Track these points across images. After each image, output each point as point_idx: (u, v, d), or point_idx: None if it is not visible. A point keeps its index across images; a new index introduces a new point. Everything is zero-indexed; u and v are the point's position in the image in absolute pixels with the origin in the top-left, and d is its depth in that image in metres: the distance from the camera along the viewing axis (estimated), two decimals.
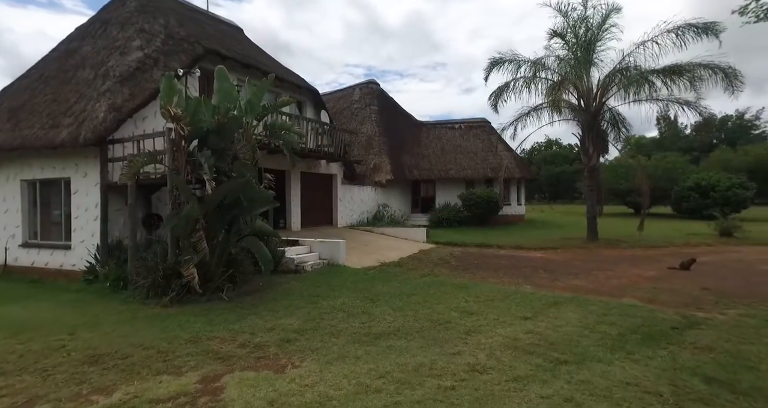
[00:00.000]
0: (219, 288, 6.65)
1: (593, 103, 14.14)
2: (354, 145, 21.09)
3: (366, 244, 12.76)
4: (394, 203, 20.85)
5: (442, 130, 24.45)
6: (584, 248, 13.40)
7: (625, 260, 11.18)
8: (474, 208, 19.86)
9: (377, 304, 6.37)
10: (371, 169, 19.82)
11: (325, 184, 15.86)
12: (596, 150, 14.27)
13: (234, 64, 10.76)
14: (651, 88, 13.04)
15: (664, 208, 29.86)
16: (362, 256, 10.93)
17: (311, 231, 13.74)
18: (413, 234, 15.05)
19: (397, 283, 7.83)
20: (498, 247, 13.85)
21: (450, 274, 9.17)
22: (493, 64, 15.05)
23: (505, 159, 22.20)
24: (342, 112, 23.00)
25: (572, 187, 60.92)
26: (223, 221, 6.80)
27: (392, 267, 9.90)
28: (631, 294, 7.19)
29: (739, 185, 24.80)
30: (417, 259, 11.20)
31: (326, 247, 9.74)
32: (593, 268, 9.90)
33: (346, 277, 8.36)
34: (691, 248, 13.53)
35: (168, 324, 5.28)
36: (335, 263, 9.54)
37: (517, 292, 7.14)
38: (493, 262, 10.77)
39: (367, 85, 23.70)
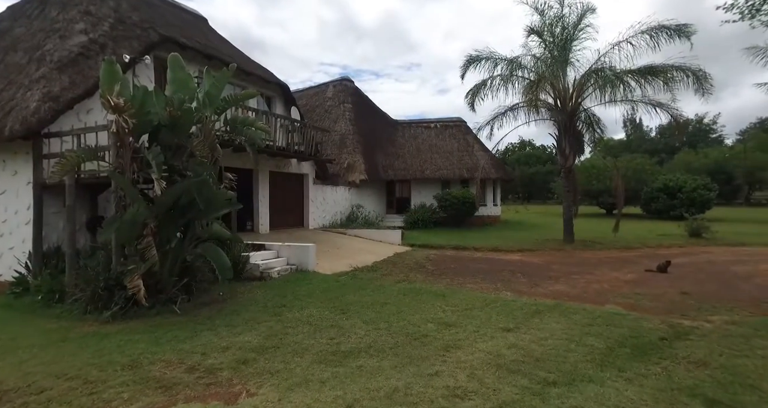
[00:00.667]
0: (171, 300, 6.01)
1: (569, 103, 14.09)
2: (327, 144, 20.52)
3: (338, 248, 12.24)
4: (369, 204, 20.38)
5: (418, 129, 24.15)
6: (561, 250, 13.32)
7: (602, 263, 11.09)
8: (450, 208, 19.63)
9: (348, 316, 5.89)
10: (345, 169, 19.28)
11: (295, 184, 15.22)
12: (573, 150, 14.24)
13: (195, 54, 10.02)
14: (626, 89, 13.09)
15: (634, 209, 30.59)
16: (334, 261, 10.41)
17: (281, 233, 13.10)
18: (388, 236, 14.62)
19: (369, 291, 7.35)
20: (475, 250, 13.60)
21: (426, 279, 8.78)
22: (469, 62, 14.80)
23: (481, 159, 22.09)
24: (315, 110, 22.37)
25: (546, 187, 62.23)
26: (176, 225, 6.15)
27: (365, 272, 9.42)
28: (614, 300, 6.99)
29: (703, 186, 25.64)
30: (392, 263, 10.77)
31: (295, 251, 9.17)
32: (572, 272, 9.73)
33: (316, 285, 7.83)
34: (665, 249, 13.68)
35: (105, 345, 4.61)
36: (304, 269, 8.98)
37: (497, 299, 6.80)
38: (471, 266, 10.46)
39: (341, 82, 23.13)
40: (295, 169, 14.78)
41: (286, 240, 12.00)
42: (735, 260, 11.47)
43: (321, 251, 11.22)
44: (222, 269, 5.88)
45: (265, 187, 13.13)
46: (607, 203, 30.58)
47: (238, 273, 8.08)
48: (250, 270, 8.23)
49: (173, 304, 5.91)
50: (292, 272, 8.83)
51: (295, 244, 9.29)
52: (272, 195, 13.58)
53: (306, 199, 15.61)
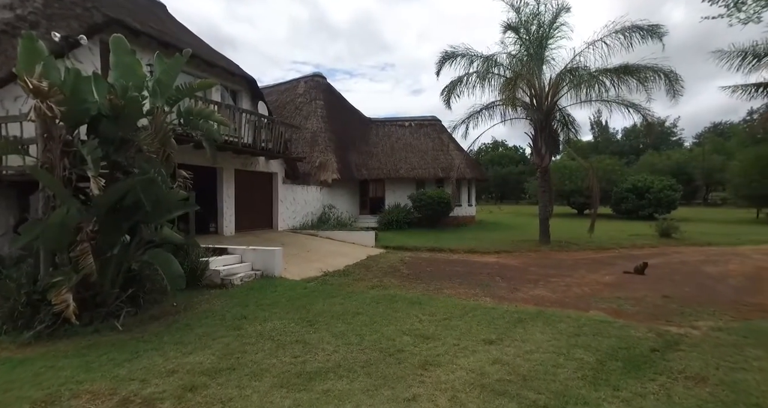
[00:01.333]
0: (114, 314, 5.29)
1: (545, 102, 13.99)
2: (298, 142, 19.83)
3: (308, 251, 11.63)
4: (341, 204, 19.80)
5: (392, 127, 23.74)
6: (538, 251, 13.17)
7: (579, 264, 10.96)
8: (425, 209, 19.31)
9: (315, 328, 5.35)
10: (316, 168, 18.64)
11: (263, 184, 14.47)
12: (549, 150, 14.15)
13: (149, 42, 9.19)
14: (602, 88, 13.08)
15: (604, 209, 31.24)
16: (303, 265, 9.81)
17: (247, 236, 12.36)
18: (361, 238, 14.11)
19: (340, 299, 6.82)
20: (450, 252, 13.27)
21: (401, 284, 8.32)
22: (445, 58, 14.48)
23: (456, 158, 21.92)
24: (285, 106, 21.60)
25: (519, 187, 63.23)
26: (120, 229, 5.44)
27: (337, 277, 8.88)
28: (596, 305, 6.74)
29: (669, 187, 26.41)
30: (365, 266, 10.27)
31: (260, 255, 8.51)
32: (551, 275, 9.50)
33: (282, 293, 7.22)
34: (638, 250, 13.77)
35: (17, 375, 3.88)
36: (270, 274, 8.34)
37: (476, 306, 6.40)
38: (447, 269, 10.09)
39: (312, 78, 22.44)
40: (263, 168, 14.05)
41: (252, 243, 11.30)
42: (706, 260, 11.60)
43: (290, 254, 10.60)
44: (172, 278, 5.21)
45: (230, 186, 12.36)
46: (578, 203, 31.10)
47: (197, 280, 7.40)
48: (209, 277, 7.54)
49: (116, 319, 5.20)
50: (256, 278, 8.18)
51: (260, 248, 8.63)
52: (238, 195, 12.82)
53: (275, 199, 14.90)
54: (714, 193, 60.75)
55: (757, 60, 12.97)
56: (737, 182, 24.81)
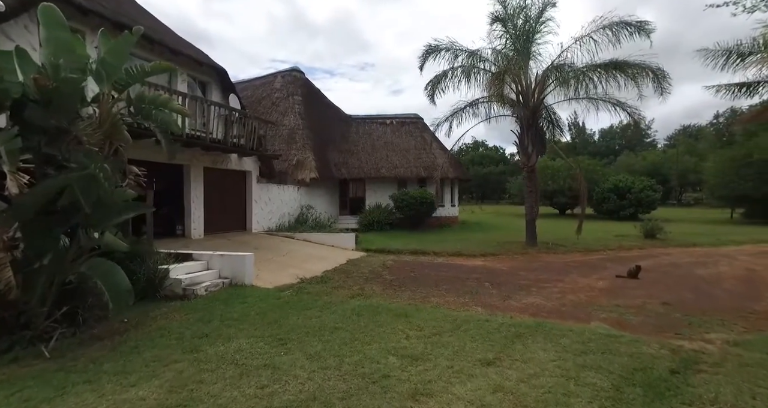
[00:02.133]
0: (42, 337, 4.46)
1: (532, 99, 13.58)
2: (275, 139, 18.96)
3: (284, 254, 10.86)
4: (320, 204, 19.03)
5: (373, 125, 23.09)
6: (525, 254, 12.73)
7: (569, 268, 10.54)
8: (407, 209, 18.72)
9: (288, 348, 4.64)
10: (294, 166, 17.81)
11: (236, 183, 13.60)
12: (535, 149, 13.75)
13: (101, 22, 8.21)
14: (590, 85, 12.75)
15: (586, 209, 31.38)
16: (277, 271, 9.05)
17: (217, 239, 11.50)
18: (341, 240, 13.40)
19: (317, 311, 6.11)
20: (435, 255, 12.69)
21: (384, 292, 7.67)
22: (429, 52, 13.91)
23: (438, 157, 21.41)
24: (261, 102, 20.67)
25: (499, 187, 63.57)
26: (52, 235, 4.59)
27: (314, 285, 8.15)
28: (596, 315, 6.24)
29: (649, 187, 26.64)
30: (345, 272, 9.58)
31: (228, 261, 7.71)
32: (542, 280, 9.02)
33: (252, 304, 6.46)
34: (625, 251, 13.52)
35: None
36: (240, 283, 7.56)
37: (468, 318, 5.80)
38: (433, 274, 9.49)
39: (290, 72, 21.57)
40: (236, 166, 13.18)
41: (221, 247, 10.46)
42: (695, 262, 11.37)
43: (263, 259, 9.82)
44: (116, 292, 4.41)
45: (198, 185, 11.46)
46: (560, 203, 31.14)
47: (155, 291, 6.57)
48: (169, 287, 6.71)
49: (44, 344, 4.37)
50: (224, 288, 7.38)
51: (228, 253, 7.82)
52: (208, 195, 11.93)
53: (248, 199, 14.03)
54: (687, 194, 62.53)
55: (741, 59, 12.90)
56: (714, 183, 25.19)
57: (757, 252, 13.23)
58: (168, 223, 11.50)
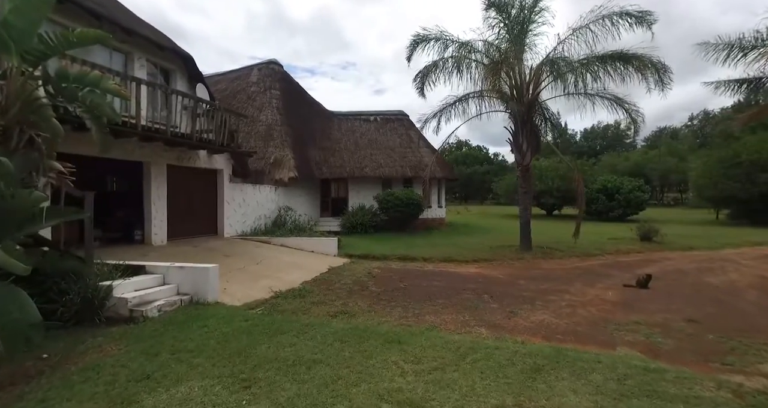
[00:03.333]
0: None
1: (526, 94, 12.84)
2: (250, 136, 17.83)
3: (258, 263, 9.78)
4: (300, 206, 17.93)
5: (356, 122, 22.11)
6: (521, 260, 11.96)
7: (571, 276, 9.79)
8: (392, 211, 17.82)
9: (252, 395, 3.63)
10: (271, 165, 16.67)
11: (205, 183, 12.42)
12: (530, 147, 13.00)
13: None
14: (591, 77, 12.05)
15: (572, 210, 31.02)
16: (249, 283, 7.99)
17: (182, 246, 10.33)
18: (322, 245, 12.37)
19: (292, 337, 5.11)
20: (424, 261, 11.82)
21: (371, 309, 6.71)
22: (417, 42, 13.02)
23: (425, 156, 20.60)
24: (236, 96, 19.46)
25: (483, 187, 63.33)
26: None
27: (290, 300, 7.14)
28: (619, 337, 5.44)
29: (638, 188, 26.41)
30: (326, 282, 8.59)
31: (189, 274, 6.62)
32: (545, 290, 8.22)
33: (213, 328, 5.40)
34: (624, 256, 12.93)
35: None
36: (202, 300, 6.48)
37: (473, 345, 4.88)
38: (424, 285, 8.58)
39: (267, 65, 20.39)
40: (205, 164, 12.01)
41: (187, 254, 9.34)
42: (700, 268, 10.79)
43: (233, 269, 8.75)
44: (11, 331, 3.32)
45: (161, 185, 10.27)
46: (548, 204, 30.74)
47: (93, 314, 5.44)
48: (113, 308, 5.60)
49: None
50: (182, 307, 6.29)
51: (188, 266, 6.72)
52: (172, 195, 10.75)
53: (220, 200, 12.86)
54: (667, 194, 63.49)
55: (743, 54, 12.43)
56: (702, 183, 25.07)
57: (758, 256, 12.79)
58: (126, 228, 10.27)
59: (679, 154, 55.48)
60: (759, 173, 21.58)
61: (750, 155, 22.15)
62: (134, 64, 9.17)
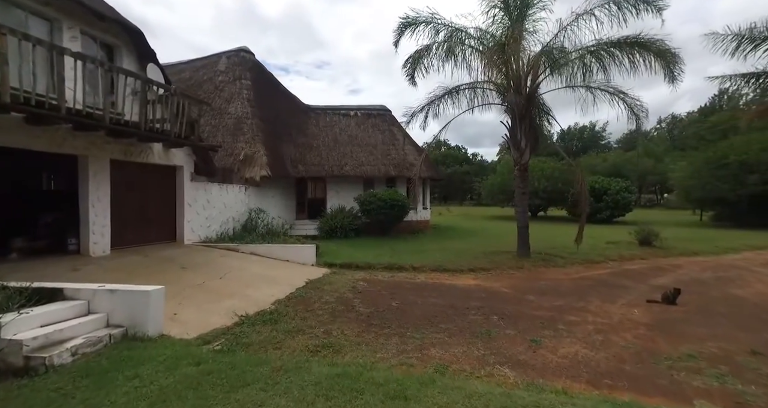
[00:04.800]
0: None
1: (525, 85, 11.76)
2: (218, 129, 16.25)
3: (222, 276, 8.30)
4: (273, 208, 16.40)
5: (335, 116, 20.71)
6: (521, 268, 10.85)
7: (583, 288, 8.74)
8: (375, 213, 16.52)
9: None
10: (241, 162, 15.11)
11: (162, 181, 10.80)
12: (529, 143, 11.94)
13: None
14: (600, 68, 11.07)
15: (558, 211, 30.51)
16: (208, 305, 6.54)
17: (129, 255, 8.73)
18: (298, 253, 10.95)
19: (258, 392, 3.72)
20: (414, 271, 10.56)
21: (361, 339, 5.39)
22: (405, 26, 11.76)
23: (409, 154, 19.42)
24: (202, 86, 17.77)
25: (463, 188, 62.81)
26: None
27: (259, 327, 5.74)
28: (686, 382, 4.29)
29: (625, 189, 25.98)
30: (303, 301, 7.21)
31: (123, 300, 5.11)
32: (562, 308, 7.10)
33: (148, 381, 3.93)
34: (629, 262, 12.03)
35: None
36: (140, 334, 5.00)
37: (505, 403, 3.63)
38: (420, 303, 7.32)
39: (237, 52, 18.75)
40: (161, 159, 10.39)
41: (136, 267, 7.81)
42: (719, 278, 9.95)
43: (190, 286, 7.28)
44: None
45: (102, 183, 8.63)
46: (533, 205, 30.06)
47: None
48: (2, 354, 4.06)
49: None
50: (111, 345, 4.79)
51: (122, 289, 5.20)
52: (118, 196, 9.12)
53: (180, 202, 11.25)
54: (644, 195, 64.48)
55: (754, 45, 11.75)
56: (690, 184, 24.80)
57: (766, 262, 12.13)
58: (57, 235, 8.58)
59: (655, 155, 56.40)
60: (747, 174, 21.37)
61: (738, 156, 21.92)
62: (63, 35, 7.51)
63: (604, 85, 11.94)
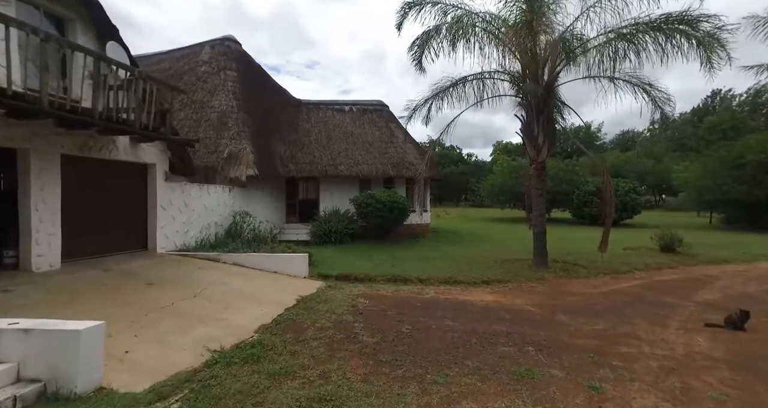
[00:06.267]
0: None
1: (542, 74, 10.58)
2: (199, 124, 14.93)
3: (196, 294, 6.98)
4: (260, 211, 15.07)
5: (328, 112, 19.41)
6: (541, 280, 9.64)
7: (621, 307, 7.54)
8: (373, 216, 15.25)
9: None
10: (224, 160, 13.78)
11: (129, 181, 9.45)
12: (547, 138, 10.77)
13: None
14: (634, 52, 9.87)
15: (562, 213, 29.46)
16: (173, 335, 5.22)
17: (85, 270, 7.38)
18: (288, 263, 9.64)
19: None
20: (421, 283, 9.32)
21: (369, 384, 4.12)
22: (410, 6, 10.51)
23: (409, 152, 18.19)
24: (182, 77, 16.37)
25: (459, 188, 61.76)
26: None
27: (236, 368, 4.45)
28: None
29: (633, 190, 24.98)
30: (294, 327, 5.92)
31: (41, 343, 3.77)
32: (605, 335, 5.90)
33: None
34: (657, 273, 10.90)
35: None
36: (65, 389, 3.67)
37: None
38: (435, 327, 6.07)
39: (222, 41, 17.38)
40: (129, 156, 9.05)
41: (87, 285, 6.47)
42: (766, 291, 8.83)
43: (154, 309, 5.97)
44: None
45: (50, 183, 7.27)
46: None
47: None
48: None
49: None
50: None
51: (40, 328, 3.84)
52: (72, 198, 7.77)
53: (151, 205, 9.91)
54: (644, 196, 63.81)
55: None
56: (704, 185, 23.80)
57: None
58: None
59: (654, 155, 55.74)
60: (765, 174, 20.42)
61: (755, 155, 20.99)
62: None
63: (629, 76, 10.82)
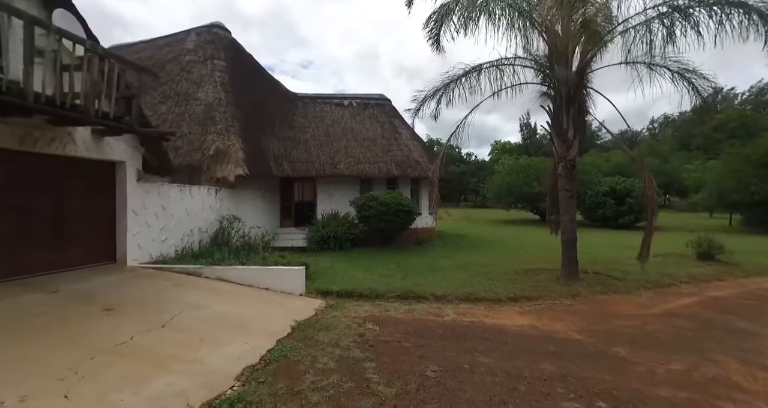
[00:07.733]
0: None
1: (572, 59, 9.32)
2: (182, 119, 13.57)
3: (166, 322, 5.63)
4: (251, 214, 13.71)
5: (326, 106, 18.13)
6: (577, 297, 8.33)
7: (689, 336, 6.27)
8: (375, 220, 13.96)
9: None
10: (211, 158, 12.42)
11: (92, 182, 8.09)
12: (578, 133, 9.50)
13: None
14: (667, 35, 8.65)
15: None
16: (117, 392, 3.86)
17: (22, 294, 6.02)
18: (281, 279, 8.30)
19: None
20: (438, 301, 8.02)
21: None
22: None
23: (414, 150, 16.92)
24: (165, 67, 15.03)
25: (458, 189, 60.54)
26: None
27: None
28: None
29: None
30: (286, 371, 4.59)
31: None
32: (691, 379, 4.62)
33: None
34: (707, 285, 9.66)
35: None
36: None
37: None
38: (467, 368, 4.75)
39: (209, 29, 16.06)
40: (90, 152, 7.68)
41: (12, 314, 5.11)
42: None
43: (103, 349, 4.64)
44: None
45: None
46: (544, 208, 27.77)
47: None
48: None
49: None
50: None
51: None
52: (10, 203, 6.42)
53: (121, 209, 8.54)
54: None
55: None
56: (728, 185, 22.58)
57: None
58: None
59: (660, 155, 54.63)
60: None
61: None
62: None
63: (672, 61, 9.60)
